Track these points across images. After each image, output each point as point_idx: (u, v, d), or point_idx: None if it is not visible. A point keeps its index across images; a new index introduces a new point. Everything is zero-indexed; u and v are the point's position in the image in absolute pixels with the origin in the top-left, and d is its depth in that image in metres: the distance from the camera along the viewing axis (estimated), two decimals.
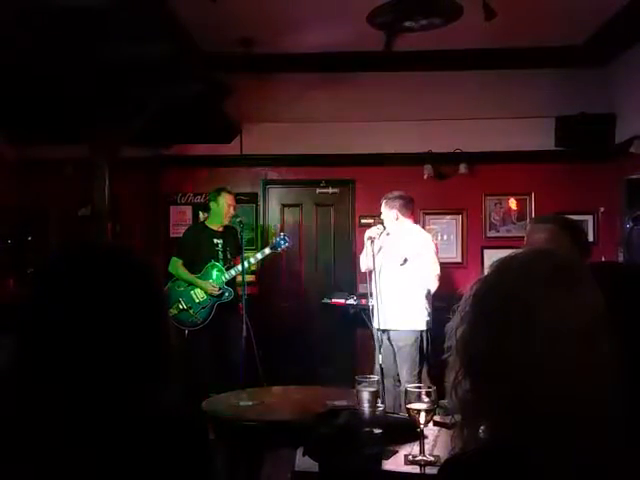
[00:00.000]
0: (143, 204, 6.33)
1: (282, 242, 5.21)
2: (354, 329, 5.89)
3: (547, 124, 6.16)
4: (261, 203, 6.53)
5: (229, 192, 5.24)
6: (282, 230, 6.14)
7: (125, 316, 1.13)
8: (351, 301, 5.53)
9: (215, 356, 5.05)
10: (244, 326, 4.75)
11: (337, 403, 3.00)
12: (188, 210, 6.54)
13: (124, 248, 1.24)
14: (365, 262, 4.69)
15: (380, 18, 4.30)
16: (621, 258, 5.59)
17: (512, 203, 6.44)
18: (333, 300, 5.80)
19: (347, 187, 6.56)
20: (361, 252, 4.86)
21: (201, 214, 6.12)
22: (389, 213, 4.68)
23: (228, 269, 5.17)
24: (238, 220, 5.17)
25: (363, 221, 6.13)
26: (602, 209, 6.26)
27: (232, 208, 5.23)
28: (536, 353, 0.98)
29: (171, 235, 6.54)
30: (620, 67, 5.94)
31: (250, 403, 3.26)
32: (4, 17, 3.62)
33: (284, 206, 6.63)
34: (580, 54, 5.91)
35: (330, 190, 6.57)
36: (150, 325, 1.17)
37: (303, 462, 2.21)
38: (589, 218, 6.28)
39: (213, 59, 5.63)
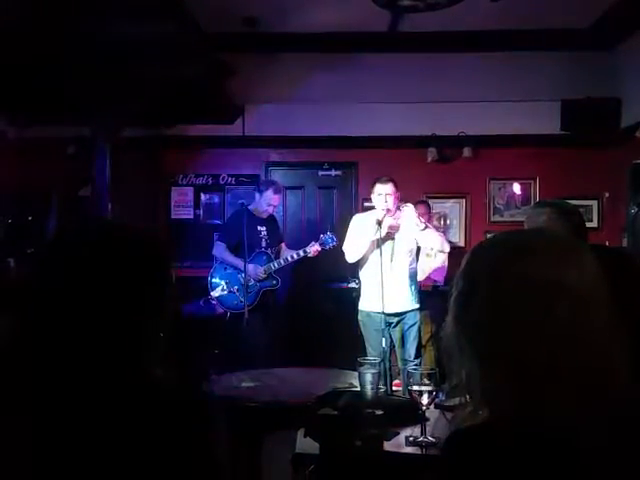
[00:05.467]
0: (144, 185, 6.29)
1: (329, 240, 5.20)
2: (356, 312, 5.88)
3: (552, 108, 6.11)
4: None
5: (276, 191, 5.21)
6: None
7: (130, 293, 1.13)
8: (353, 284, 5.51)
9: (255, 338, 5.00)
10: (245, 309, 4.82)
11: (339, 385, 3.00)
12: (189, 191, 6.52)
13: (131, 227, 1.24)
14: (359, 249, 4.59)
15: None
16: (625, 243, 5.57)
17: (516, 187, 6.42)
18: (335, 283, 5.78)
19: (350, 169, 6.52)
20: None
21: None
22: (396, 193, 4.61)
23: (276, 257, 5.21)
24: (240, 202, 5.16)
25: (366, 204, 6.08)
26: (607, 194, 6.24)
27: (272, 208, 5.24)
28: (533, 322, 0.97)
29: (172, 216, 6.53)
30: (626, 51, 5.88)
31: (251, 384, 3.25)
32: None
33: (286, 188, 6.59)
34: (586, 37, 5.86)
35: (333, 172, 6.54)
36: (154, 304, 1.17)
37: (304, 443, 2.21)
38: (594, 203, 6.26)
39: (215, 39, 5.58)
